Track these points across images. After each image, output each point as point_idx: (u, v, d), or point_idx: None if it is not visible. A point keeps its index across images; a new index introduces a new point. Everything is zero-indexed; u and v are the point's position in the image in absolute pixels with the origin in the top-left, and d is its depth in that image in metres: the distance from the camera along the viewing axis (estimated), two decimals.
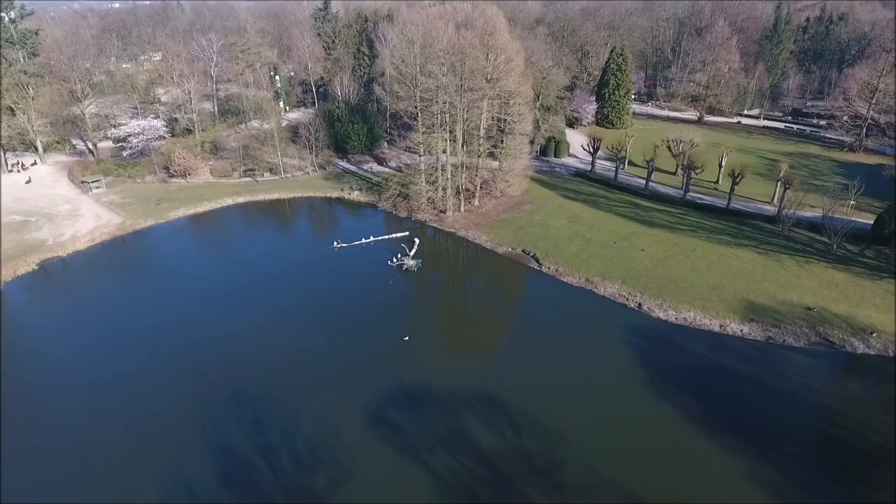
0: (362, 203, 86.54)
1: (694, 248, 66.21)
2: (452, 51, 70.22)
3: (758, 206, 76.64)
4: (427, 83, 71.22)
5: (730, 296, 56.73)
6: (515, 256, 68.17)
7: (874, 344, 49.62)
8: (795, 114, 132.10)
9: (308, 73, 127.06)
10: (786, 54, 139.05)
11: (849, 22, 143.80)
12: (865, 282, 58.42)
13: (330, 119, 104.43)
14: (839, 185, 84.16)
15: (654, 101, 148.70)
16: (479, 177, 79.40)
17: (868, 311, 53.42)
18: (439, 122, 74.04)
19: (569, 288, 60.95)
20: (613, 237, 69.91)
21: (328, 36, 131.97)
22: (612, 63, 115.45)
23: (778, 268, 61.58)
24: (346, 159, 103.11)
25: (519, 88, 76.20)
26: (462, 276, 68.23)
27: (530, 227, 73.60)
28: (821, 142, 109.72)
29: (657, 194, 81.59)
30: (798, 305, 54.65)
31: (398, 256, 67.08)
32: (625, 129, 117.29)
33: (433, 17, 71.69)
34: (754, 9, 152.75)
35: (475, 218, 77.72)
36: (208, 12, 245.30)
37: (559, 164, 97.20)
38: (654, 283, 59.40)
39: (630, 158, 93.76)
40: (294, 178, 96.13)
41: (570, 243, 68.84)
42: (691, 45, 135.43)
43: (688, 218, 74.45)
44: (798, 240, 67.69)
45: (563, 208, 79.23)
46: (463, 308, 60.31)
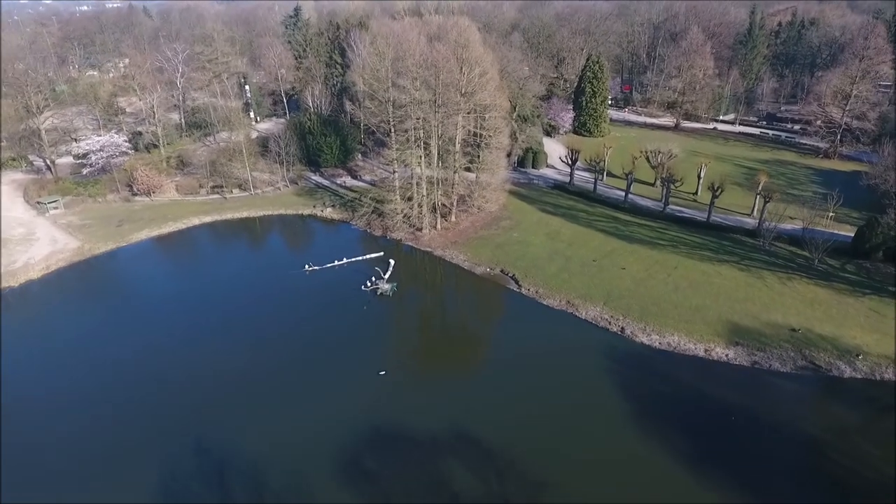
0: (335, 220, 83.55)
1: (675, 266, 64.81)
2: (425, 64, 67.82)
3: (738, 219, 75.72)
4: (399, 98, 68.69)
5: (714, 317, 55.33)
6: (494, 277, 66.00)
7: (860, 367, 48.56)
8: (770, 119, 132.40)
9: (279, 82, 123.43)
10: (760, 59, 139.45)
11: (820, 26, 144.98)
12: (848, 299, 57.55)
13: (301, 132, 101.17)
14: (817, 194, 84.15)
15: (631, 106, 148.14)
16: (455, 193, 77.09)
17: (853, 332, 52.43)
18: (413, 137, 71.55)
19: (549, 311, 58.96)
20: (594, 255, 68.19)
21: (299, 44, 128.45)
22: (589, 71, 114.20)
23: (760, 285, 60.44)
24: (318, 173, 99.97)
25: (494, 101, 74.13)
26: (439, 300, 65.75)
27: (509, 245, 71.54)
28: (796, 148, 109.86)
29: (637, 207, 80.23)
30: (782, 327, 53.45)
31: (372, 280, 64.46)
32: (602, 138, 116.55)
33: (404, 30, 69.17)
34: (727, 13, 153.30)
35: (452, 235, 75.42)
36: (178, 15, 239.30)
37: (537, 175, 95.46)
38: (636, 305, 57.73)
39: (609, 169, 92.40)
40: (264, 195, 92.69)
41: (550, 262, 66.94)
42: (667, 51, 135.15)
43: (668, 232, 73.14)
44: (779, 254, 66.76)
45: (541, 224, 77.36)
46: (440, 336, 57.81)
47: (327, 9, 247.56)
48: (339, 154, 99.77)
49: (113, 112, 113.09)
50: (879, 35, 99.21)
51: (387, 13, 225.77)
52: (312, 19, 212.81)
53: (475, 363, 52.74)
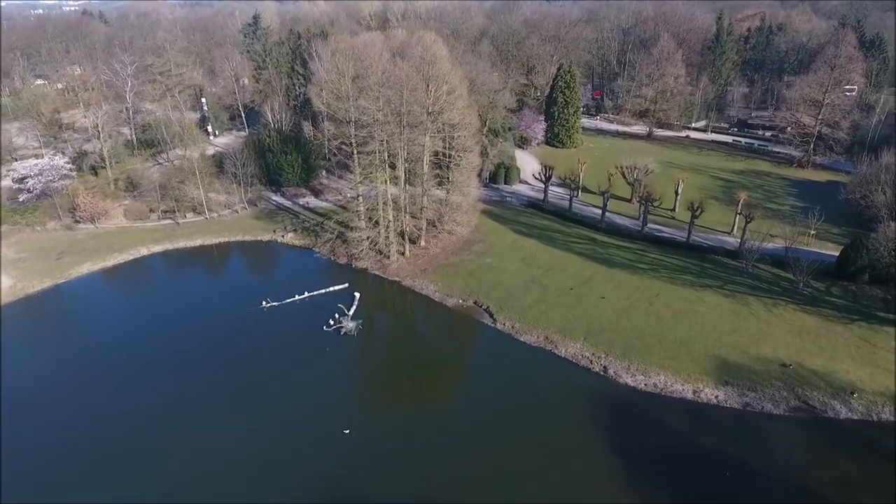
0: (297, 247, 78.17)
1: (657, 293, 61.53)
2: (388, 83, 63.24)
3: (718, 238, 73.02)
4: (361, 119, 63.97)
5: (700, 352, 52.06)
6: (467, 310, 61.73)
7: (856, 406, 45.77)
8: (741, 125, 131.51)
9: (236, 96, 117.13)
10: (729, 65, 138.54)
11: (787, 32, 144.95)
12: (836, 327, 54.99)
13: (260, 149, 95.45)
14: (795, 209, 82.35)
15: (603, 113, 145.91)
16: (424, 217, 72.65)
17: (845, 365, 49.74)
18: (378, 160, 66.89)
19: (527, 349, 54.95)
20: (572, 282, 64.51)
21: (258, 54, 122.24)
22: (560, 80, 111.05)
23: (746, 313, 57.52)
24: (279, 193, 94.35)
25: (464, 120, 69.97)
26: (408, 339, 60.77)
27: (482, 273, 67.40)
28: (770, 157, 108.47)
29: (614, 227, 76.96)
30: (772, 361, 50.46)
31: (336, 318, 59.55)
32: (576, 149, 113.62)
33: (366, 45, 64.49)
34: (694, 19, 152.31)
35: (422, 263, 70.94)
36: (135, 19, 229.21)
37: (510, 192, 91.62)
38: (618, 340, 54.14)
39: (584, 184, 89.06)
40: (221, 219, 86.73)
41: (527, 292, 62.99)
42: (637, 58, 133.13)
43: (648, 255, 69.96)
44: (763, 277, 64.11)
45: (516, 247, 73.43)
46: (409, 383, 52.67)
47: (290, 15, 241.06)
48: (302, 173, 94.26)
49: (57, 129, 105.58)
50: (850, 43, 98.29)
51: (353, 19, 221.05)
52: (274, 26, 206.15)
53: (447, 414, 48.18)
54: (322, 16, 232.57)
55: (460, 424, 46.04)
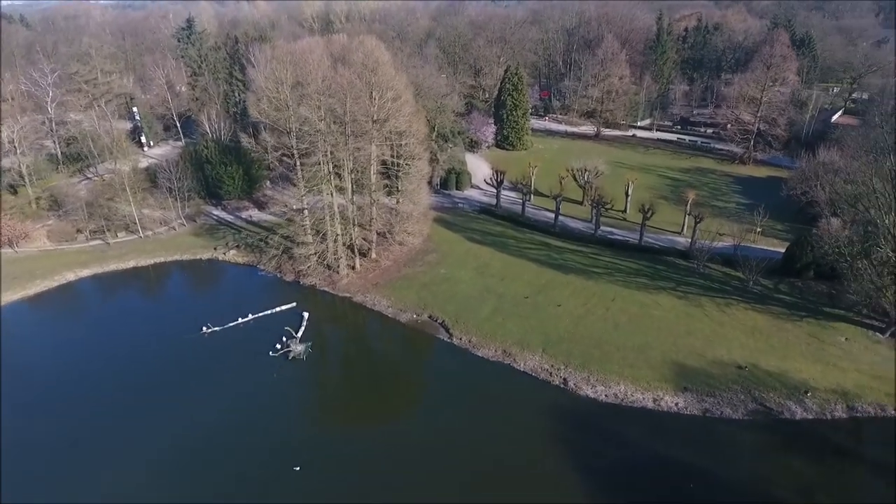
0: (240, 264, 74.00)
1: (613, 298, 60.98)
2: (329, 91, 60.24)
3: (669, 239, 73.46)
4: (303, 129, 60.73)
5: (658, 358, 51.58)
6: (422, 325, 59.47)
7: (810, 406, 46.13)
8: (684, 122, 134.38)
9: (169, 104, 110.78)
10: (670, 64, 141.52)
11: (723, 31, 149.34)
12: (786, 324, 55.70)
13: (197, 161, 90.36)
14: (740, 205, 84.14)
15: (551, 114, 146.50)
16: (373, 229, 69.92)
17: (797, 364, 50.24)
18: (323, 171, 63.74)
19: (484, 364, 53.18)
20: (528, 290, 63.22)
21: (193, 60, 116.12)
22: (508, 83, 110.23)
23: (700, 315, 57.60)
24: (220, 207, 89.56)
25: (411, 127, 67.66)
26: (360, 359, 57.70)
27: (436, 285, 65.29)
28: (713, 154, 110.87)
29: (568, 231, 76.35)
30: (728, 364, 50.46)
31: (283, 341, 56.18)
32: (526, 151, 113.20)
33: (304, 52, 61.21)
34: (635, 19, 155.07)
35: (373, 276, 68.22)
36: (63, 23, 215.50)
37: (462, 198, 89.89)
38: (577, 350, 53.08)
39: (535, 187, 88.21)
40: (156, 237, 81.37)
41: (482, 303, 61.27)
42: (583, 58, 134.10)
43: (602, 259, 69.53)
44: (714, 277, 64.61)
45: (470, 255, 71.70)
46: (362, 408, 49.68)
47: (229, 17, 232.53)
48: (243, 184, 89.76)
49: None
50: (783, 43, 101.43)
51: (295, 21, 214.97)
52: (212, 29, 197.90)
53: (402, 438, 45.49)
54: (262, 18, 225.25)
55: (416, 447, 43.78)
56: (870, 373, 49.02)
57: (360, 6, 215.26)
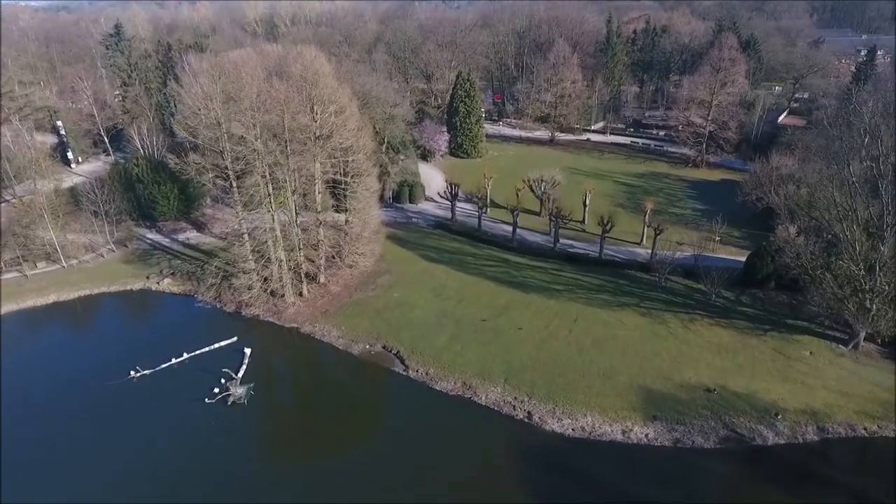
0: (176, 294, 68.02)
1: (576, 318, 58.38)
2: (264, 107, 55.31)
3: (629, 251, 71.69)
4: (237, 149, 55.62)
5: (625, 385, 49.11)
6: (376, 357, 55.29)
7: (781, 429, 44.45)
8: (636, 125, 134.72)
9: (95, 118, 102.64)
10: (620, 66, 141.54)
11: (671, 33, 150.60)
12: (752, 340, 54.30)
13: (127, 179, 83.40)
14: (696, 211, 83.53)
15: (505, 118, 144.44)
16: (321, 252, 65.26)
17: (765, 383, 48.69)
18: (263, 193, 58.73)
19: (444, 399, 49.49)
20: (487, 313, 59.97)
21: (122, 69, 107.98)
22: (460, 89, 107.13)
23: (665, 333, 55.63)
24: (154, 229, 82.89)
25: (357, 142, 63.34)
26: (309, 399, 52.62)
27: (390, 311, 61.24)
28: (666, 157, 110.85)
29: (526, 245, 73.62)
30: (697, 387, 48.45)
31: (222, 383, 51.06)
32: (480, 158, 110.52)
33: (236, 64, 56.11)
34: (585, 22, 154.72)
35: (322, 304, 63.59)
36: None
37: (416, 212, 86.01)
38: (541, 380, 50.05)
39: (492, 198, 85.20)
40: (82, 266, 74.19)
41: (439, 330, 57.61)
42: (535, 62, 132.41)
43: (563, 274, 67.00)
44: (676, 291, 62.98)
45: (425, 276, 67.96)
46: (311, 450, 45.51)
47: (167, 21, 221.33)
48: (180, 204, 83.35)
49: None
50: (731, 46, 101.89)
51: (237, 25, 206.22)
52: (147, 34, 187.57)
53: (357, 483, 41.30)
54: (202, 22, 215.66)
55: (373, 493, 39.71)
56: (837, 389, 47.93)
57: (305, 9, 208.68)
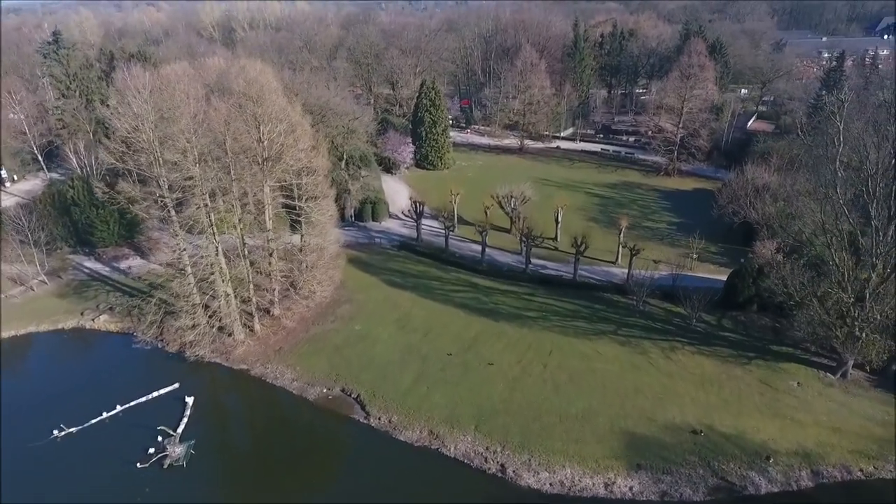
0: (113, 332, 61.65)
1: (550, 350, 54.33)
2: (202, 129, 49.71)
3: (604, 270, 68.13)
4: (171, 176, 49.88)
5: (605, 428, 45.19)
6: (334, 403, 50.18)
7: (774, 475, 41.11)
8: (606, 130, 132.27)
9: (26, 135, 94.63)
10: (588, 71, 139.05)
11: (638, 37, 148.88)
12: (736, 370, 51.07)
13: (62, 203, 76.32)
14: (671, 226, 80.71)
15: (473, 125, 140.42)
16: (274, 283, 59.80)
17: (754, 421, 45.39)
18: (203, 223, 53.02)
19: (408, 451, 44.74)
20: (455, 346, 55.46)
21: (60, 80, 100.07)
22: (425, 98, 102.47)
23: (646, 365, 52.00)
24: (93, 257, 75.94)
25: (311, 163, 58.16)
26: (257, 458, 46.37)
27: (350, 347, 56.20)
28: (638, 165, 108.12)
29: (496, 267, 69.38)
30: (682, 429, 44.82)
31: (158, 442, 45.37)
32: (448, 170, 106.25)
33: (169, 81, 50.34)
34: (552, 26, 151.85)
35: (276, 341, 58.14)
36: None
37: (380, 231, 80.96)
38: (514, 425, 45.76)
39: (460, 213, 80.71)
40: (8, 302, 66.94)
41: (404, 368, 52.85)
42: (502, 68, 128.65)
43: (535, 299, 62.95)
44: (655, 315, 59.54)
45: (389, 304, 63.12)
46: None
47: (118, 26, 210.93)
48: (121, 229, 76.47)
49: None
50: (700, 52, 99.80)
51: (192, 29, 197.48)
52: (96, 40, 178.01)
53: None
54: (155, 26, 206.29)
55: None
56: (828, 425, 44.92)
57: (264, 13, 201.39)
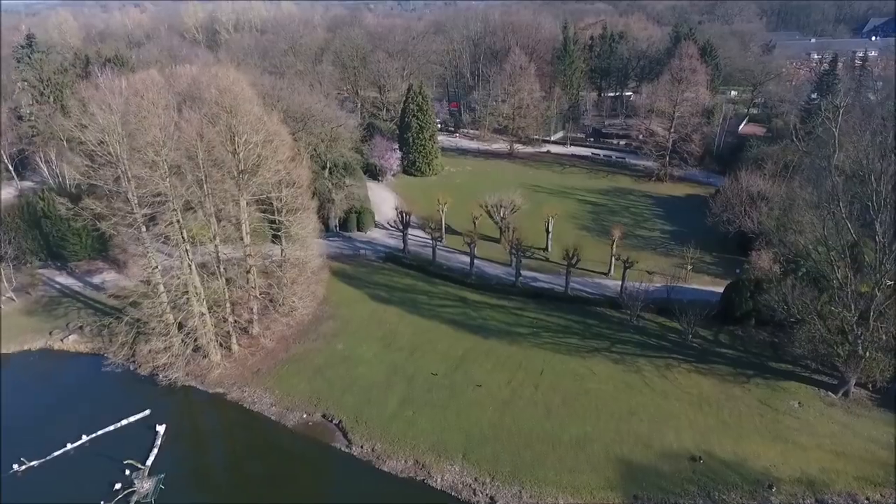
0: (83, 354, 58.66)
1: (542, 369, 52.09)
2: (174, 142, 46.95)
3: (596, 283, 66.03)
4: (140, 193, 47.11)
5: (600, 455, 42.97)
6: (314, 429, 47.61)
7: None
8: (596, 134, 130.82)
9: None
10: (578, 74, 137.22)
11: (628, 39, 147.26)
12: (735, 389, 49.10)
13: (33, 215, 73.08)
14: (665, 234, 78.89)
15: (462, 128, 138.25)
16: (252, 298, 57.11)
17: (755, 445, 43.37)
18: (177, 238, 50.31)
19: (392, 482, 42.24)
20: (442, 366, 53.08)
21: (33, 86, 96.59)
22: (412, 103, 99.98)
23: (641, 385, 49.89)
24: (65, 271, 72.81)
25: (290, 174, 55.57)
26: (230, 492, 43.87)
27: (332, 368, 53.64)
28: (629, 170, 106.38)
29: (485, 279, 67.04)
30: (681, 455, 42.70)
31: (126, 476, 42.59)
32: (436, 176, 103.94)
33: (137, 90, 47.54)
34: (541, 28, 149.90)
35: (255, 361, 55.42)
36: None
37: (365, 241, 78.38)
38: (505, 453, 43.43)
39: (448, 223, 78.30)
40: None
41: (389, 391, 50.37)
42: (491, 72, 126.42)
43: (526, 314, 60.68)
44: (649, 331, 57.47)
45: (374, 320, 60.62)
46: None
47: (99, 28, 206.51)
48: (95, 242, 73.26)
49: None
50: (692, 56, 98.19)
51: (175, 32, 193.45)
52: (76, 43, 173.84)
53: None
54: (137, 28, 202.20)
55: None
56: (832, 449, 42.98)
57: (249, 15, 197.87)
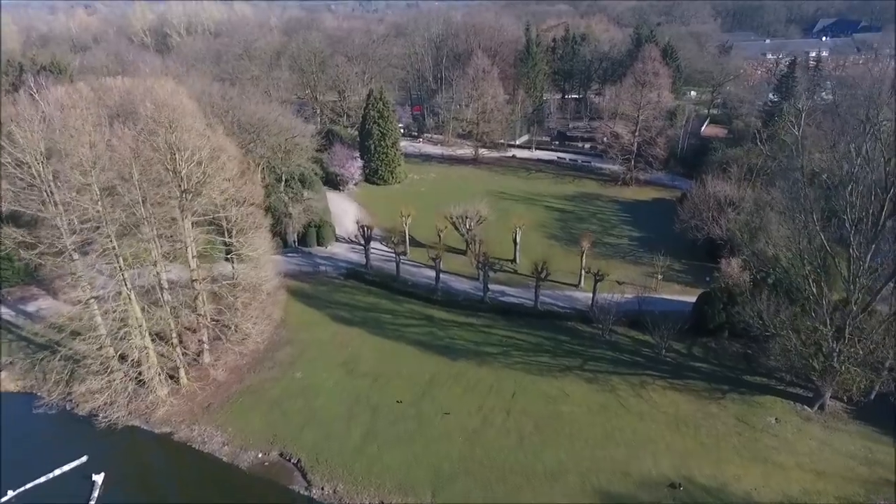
0: (14, 393, 53.44)
1: (513, 392, 49.65)
2: (103, 162, 42.65)
3: (567, 295, 64.01)
4: (69, 218, 42.71)
5: (577, 487, 40.67)
6: (270, 470, 43.93)
7: None
8: (561, 137, 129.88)
9: None
10: (542, 76, 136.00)
11: (590, 41, 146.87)
12: (711, 407, 47.62)
13: None
14: (633, 241, 77.63)
15: (425, 132, 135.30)
16: (202, 331, 52.97)
17: (734, 468, 41.80)
18: (116, 267, 45.97)
19: None
20: (408, 391, 50.09)
21: None
22: (373, 109, 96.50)
23: (616, 406, 47.92)
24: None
25: (239, 192, 51.71)
26: None
27: (290, 400, 50.00)
28: (595, 175, 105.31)
29: (452, 296, 64.25)
30: (659, 483, 40.75)
31: None
32: (399, 184, 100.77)
33: (62, 106, 43.05)
34: (503, 31, 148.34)
35: (205, 396, 51.25)
36: None
37: (325, 257, 74.64)
38: (476, 489, 40.72)
39: (412, 236, 75.32)
40: None
41: (351, 423, 47.08)
42: (454, 76, 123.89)
43: (495, 332, 58.16)
44: (622, 345, 55.71)
45: (335, 343, 57.17)
46: None
47: (41, 31, 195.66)
48: (27, 265, 67.55)
49: None
50: (655, 59, 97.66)
51: (124, 35, 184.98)
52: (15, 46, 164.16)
53: None
54: (83, 33, 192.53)
55: None
56: (811, 468, 41.74)
57: (202, 17, 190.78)
